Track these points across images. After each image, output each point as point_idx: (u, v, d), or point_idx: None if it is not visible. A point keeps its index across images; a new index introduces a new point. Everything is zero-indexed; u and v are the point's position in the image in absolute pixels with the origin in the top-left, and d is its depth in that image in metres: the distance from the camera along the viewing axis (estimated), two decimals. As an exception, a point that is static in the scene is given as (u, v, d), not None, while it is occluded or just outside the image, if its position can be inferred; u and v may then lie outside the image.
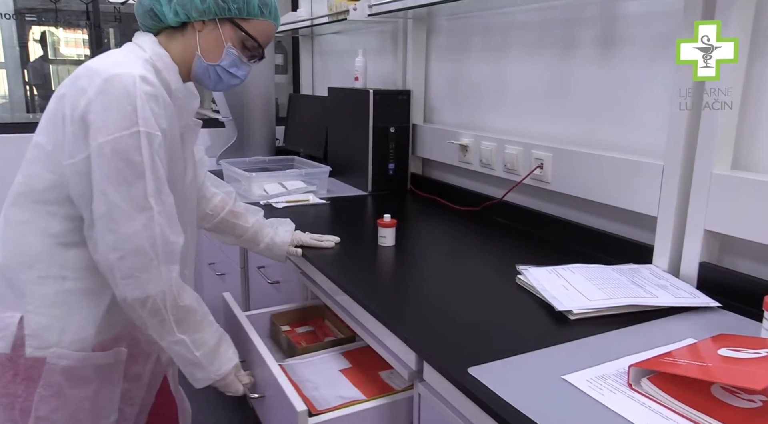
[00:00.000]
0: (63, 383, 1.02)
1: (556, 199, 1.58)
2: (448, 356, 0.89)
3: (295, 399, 1.01)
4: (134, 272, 0.94)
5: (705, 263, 1.15)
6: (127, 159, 0.92)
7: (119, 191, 0.92)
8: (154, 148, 0.95)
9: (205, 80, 1.11)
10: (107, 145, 0.91)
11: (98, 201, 0.93)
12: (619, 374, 0.82)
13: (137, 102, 0.93)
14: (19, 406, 1.01)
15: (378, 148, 2.04)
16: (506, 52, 1.76)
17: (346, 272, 1.27)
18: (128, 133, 0.92)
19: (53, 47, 3.84)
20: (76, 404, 1.04)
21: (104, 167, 0.91)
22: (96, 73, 0.94)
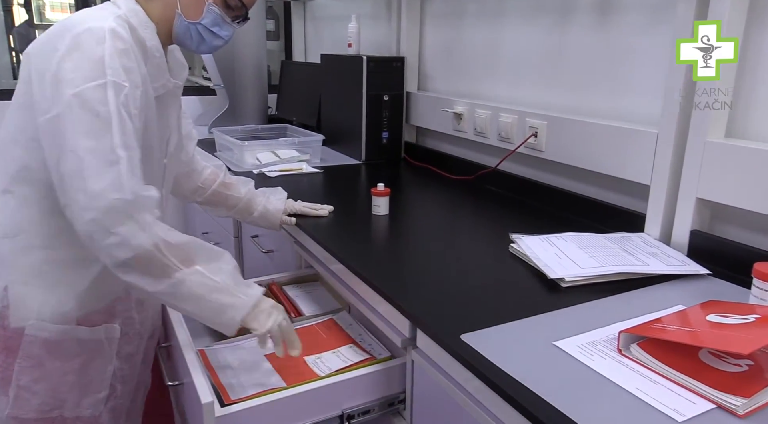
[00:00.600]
0: (43, 355, 1.00)
1: (550, 168, 1.58)
2: (441, 323, 0.90)
3: (202, 389, 0.94)
4: (112, 230, 0.87)
5: (696, 231, 1.16)
6: (94, 110, 0.88)
7: (87, 146, 0.87)
8: (121, 100, 0.90)
9: (186, 41, 1.08)
10: (75, 98, 0.87)
11: (68, 159, 0.88)
12: (609, 340, 0.83)
13: (105, 54, 0.90)
14: (0, 375, 1.00)
15: (371, 116, 2.03)
16: (502, 19, 1.73)
17: (339, 240, 1.28)
18: (95, 84, 0.88)
19: (39, 12, 3.75)
20: (59, 377, 1.03)
21: (73, 121, 0.87)
22: (66, 29, 0.91)
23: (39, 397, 1.02)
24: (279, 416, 1.00)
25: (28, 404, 1.01)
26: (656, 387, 0.72)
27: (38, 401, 1.02)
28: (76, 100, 0.87)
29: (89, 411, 1.08)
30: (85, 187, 0.86)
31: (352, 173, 1.96)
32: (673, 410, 0.67)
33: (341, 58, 2.17)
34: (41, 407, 1.02)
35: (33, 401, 1.02)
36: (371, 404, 1.07)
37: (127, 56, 0.93)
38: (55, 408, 1.04)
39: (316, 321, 1.29)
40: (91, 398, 1.08)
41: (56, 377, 1.02)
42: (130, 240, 0.88)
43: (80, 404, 1.07)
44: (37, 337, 1.00)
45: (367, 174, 1.94)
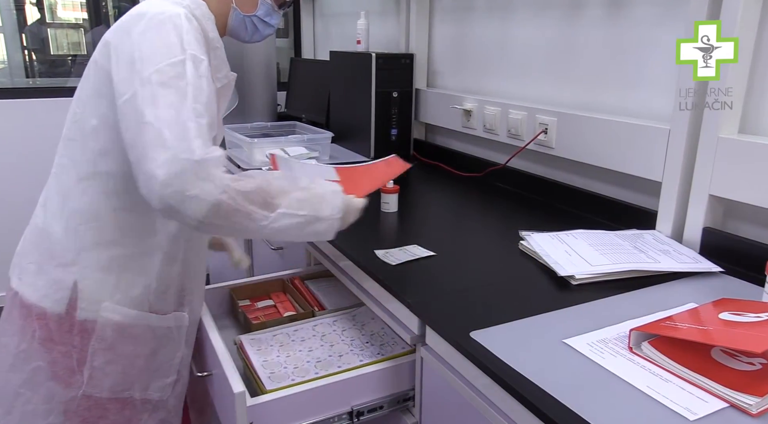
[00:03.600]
0: (115, 338, 1.04)
1: (560, 165, 1.57)
2: (450, 320, 0.90)
3: (234, 379, 0.98)
4: (187, 193, 0.85)
5: (709, 228, 1.15)
6: (171, 84, 0.90)
7: (162, 117, 0.88)
8: (201, 72, 0.93)
9: (241, 33, 1.14)
10: (155, 75, 0.89)
11: (144, 133, 0.87)
12: (620, 337, 0.83)
13: (183, 32, 0.93)
14: (76, 356, 1.04)
15: (380, 113, 2.02)
16: (511, 14, 1.72)
17: (349, 237, 1.27)
18: (174, 61, 0.91)
19: (50, 10, 3.77)
20: (130, 361, 1.07)
21: (151, 97, 0.88)
22: (139, 15, 0.95)
23: (111, 378, 1.06)
24: (287, 412, 1.01)
25: (101, 384, 1.05)
26: (668, 385, 0.71)
27: (110, 381, 1.06)
28: (155, 77, 0.89)
29: (157, 395, 1.12)
30: (156, 157, 0.86)
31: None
32: (685, 409, 0.67)
33: (350, 55, 2.17)
34: (113, 388, 1.06)
35: (105, 381, 1.05)
36: (381, 401, 1.07)
37: (198, 41, 0.96)
38: (126, 389, 1.08)
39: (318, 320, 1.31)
40: (160, 382, 1.12)
41: (127, 360, 1.06)
42: (206, 197, 0.86)
43: (149, 387, 1.11)
44: (109, 320, 1.03)
45: (376, 171, 1.94)
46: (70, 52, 3.93)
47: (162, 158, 0.85)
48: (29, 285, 1.04)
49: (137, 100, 0.89)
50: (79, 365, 1.04)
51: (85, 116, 1.01)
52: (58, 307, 1.02)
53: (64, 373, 1.03)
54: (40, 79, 3.78)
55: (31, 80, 3.73)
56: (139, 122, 0.89)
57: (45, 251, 1.04)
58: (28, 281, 1.05)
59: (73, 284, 1.02)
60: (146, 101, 0.89)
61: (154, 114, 0.88)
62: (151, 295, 1.07)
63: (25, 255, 1.07)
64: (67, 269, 1.02)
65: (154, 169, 0.86)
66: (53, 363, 1.03)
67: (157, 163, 0.85)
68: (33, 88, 3.40)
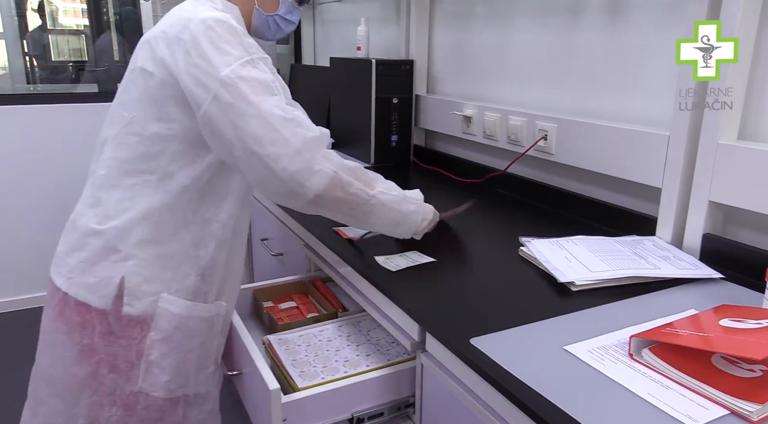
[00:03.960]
0: (171, 329, 1.06)
1: (560, 171, 1.57)
2: (450, 326, 0.90)
3: (268, 377, 1.01)
4: (308, 166, 0.95)
5: (708, 234, 1.15)
6: (255, 79, 0.95)
7: (264, 107, 0.94)
8: (272, 68, 1.00)
9: (264, 32, 1.17)
10: (231, 74, 0.93)
11: (252, 125, 0.93)
12: (621, 344, 0.82)
13: (239, 34, 0.98)
14: (135, 348, 1.04)
15: (380, 119, 2.03)
16: (511, 20, 1.73)
17: (348, 243, 1.27)
18: (244, 60, 0.95)
19: (52, 17, 3.79)
20: (183, 354, 1.08)
21: (239, 94, 0.93)
22: (187, 20, 0.96)
23: (166, 374, 1.06)
24: (319, 409, 1.03)
25: (157, 381, 1.06)
26: (668, 392, 0.71)
27: (166, 378, 1.06)
28: (233, 76, 0.93)
29: (204, 387, 1.14)
30: (275, 139, 0.93)
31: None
32: (685, 416, 0.67)
33: (350, 61, 2.18)
34: (168, 386, 1.07)
35: (161, 377, 1.06)
36: (381, 408, 1.07)
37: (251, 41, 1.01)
38: (180, 387, 1.09)
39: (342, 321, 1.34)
40: (203, 373, 1.13)
41: (180, 353, 1.07)
42: (328, 170, 0.97)
43: (197, 380, 1.12)
44: (167, 311, 1.05)
45: (376, 177, 1.94)
46: (71, 58, 3.94)
47: (283, 140, 0.93)
48: (82, 284, 1.05)
49: (223, 100, 0.93)
50: (137, 359, 1.05)
51: (137, 120, 1.02)
52: (116, 302, 1.03)
53: (124, 366, 1.05)
54: (41, 86, 3.79)
55: (32, 86, 3.74)
56: (237, 117, 0.93)
57: (97, 249, 1.04)
58: (80, 280, 1.05)
59: (128, 280, 1.03)
60: (237, 98, 0.93)
61: (254, 106, 0.93)
62: (202, 284, 1.08)
63: (73, 254, 1.07)
64: (123, 265, 1.03)
65: (277, 151, 0.93)
66: (114, 356, 1.04)
67: (278, 146, 0.93)
68: (34, 94, 3.41)
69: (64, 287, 1.06)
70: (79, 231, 1.07)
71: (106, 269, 1.03)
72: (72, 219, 1.11)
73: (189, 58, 0.94)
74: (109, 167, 1.06)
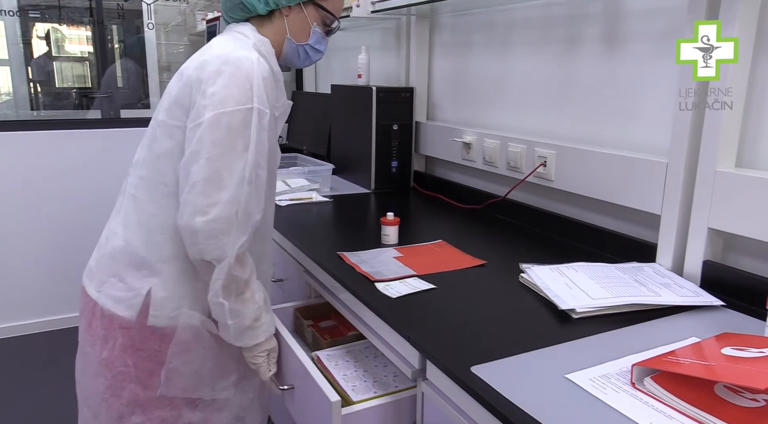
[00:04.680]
0: (191, 340, 1.13)
1: (560, 197, 1.58)
2: (451, 354, 0.90)
3: (327, 389, 1.03)
4: (218, 235, 1.00)
5: (709, 261, 1.15)
6: (239, 131, 1.01)
7: (225, 159, 1.00)
8: (263, 124, 1.04)
9: (294, 60, 1.23)
10: (224, 117, 1.00)
11: (201, 166, 1.00)
12: (623, 373, 0.82)
13: (254, 82, 1.03)
14: (155, 359, 1.12)
15: (381, 145, 2.04)
16: (509, 49, 1.75)
17: (349, 269, 1.27)
18: (244, 108, 1.02)
19: (57, 44, 3.85)
20: (201, 362, 1.15)
21: (216, 135, 1.00)
22: (217, 56, 1.05)
23: (185, 379, 1.14)
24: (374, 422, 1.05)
25: (175, 386, 1.14)
26: (671, 422, 0.70)
27: (184, 382, 1.14)
28: (224, 119, 1.00)
29: (223, 394, 1.20)
30: (212, 194, 1.00)
31: (361, 202, 1.97)
32: (689, 447, 0.66)
33: (351, 88, 2.20)
34: (186, 388, 1.15)
35: (179, 382, 1.14)
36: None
37: (266, 83, 1.07)
38: (197, 390, 1.16)
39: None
40: (224, 381, 1.20)
41: (199, 361, 1.15)
42: (225, 248, 1.01)
43: (215, 387, 1.19)
44: (188, 324, 1.12)
45: (376, 203, 1.95)
46: (74, 84, 3.99)
47: (216, 198, 0.99)
48: (110, 297, 1.13)
49: (202, 131, 1.00)
50: (158, 368, 1.12)
51: (159, 141, 1.10)
52: (139, 316, 1.10)
53: (144, 375, 1.12)
54: (45, 112, 3.82)
55: (35, 112, 3.77)
56: (198, 153, 1.00)
57: (127, 265, 1.12)
58: (109, 293, 1.13)
59: (153, 294, 1.10)
60: (210, 137, 1.00)
61: (216, 153, 1.00)
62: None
63: (104, 269, 1.15)
64: (148, 280, 1.10)
65: (204, 202, 0.99)
66: (134, 367, 1.12)
67: (210, 200, 0.99)
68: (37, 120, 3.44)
69: (95, 296, 1.15)
70: (110, 247, 1.15)
71: (134, 283, 1.11)
72: (104, 235, 1.19)
73: (203, 90, 1.02)
74: (138, 187, 1.13)
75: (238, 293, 1.07)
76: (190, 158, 1.01)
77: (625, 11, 1.37)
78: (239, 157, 1.01)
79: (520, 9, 1.69)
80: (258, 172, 1.05)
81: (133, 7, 3.07)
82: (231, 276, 1.03)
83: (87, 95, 3.81)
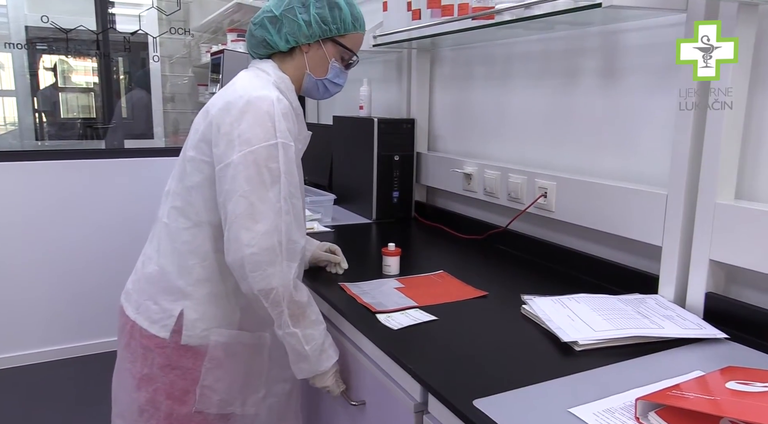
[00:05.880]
0: (222, 357, 1.20)
1: (561, 228, 1.58)
2: (453, 387, 0.89)
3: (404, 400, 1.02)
4: (263, 266, 1.06)
5: (711, 293, 1.15)
6: (267, 166, 1.08)
7: (258, 193, 1.07)
8: (289, 157, 1.11)
9: (314, 93, 1.30)
10: (251, 155, 1.07)
11: (237, 202, 1.07)
12: (627, 407, 0.81)
13: (275, 119, 1.10)
14: (190, 377, 1.19)
15: (382, 176, 2.06)
16: (509, 82, 1.78)
17: (350, 300, 1.27)
18: (268, 144, 1.08)
19: (63, 75, 3.91)
20: (233, 377, 1.22)
21: (247, 173, 1.07)
22: (240, 96, 1.12)
23: (218, 394, 1.21)
24: None
25: (210, 401, 1.21)
26: (677, 459, 0.69)
27: (218, 398, 1.21)
28: (251, 156, 1.07)
29: (253, 409, 1.27)
30: (251, 227, 1.06)
31: (363, 233, 1.97)
32: (696, 484, 0.65)
33: (353, 119, 2.23)
34: (220, 404, 1.22)
35: (214, 398, 1.21)
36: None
37: (287, 119, 1.13)
38: (230, 405, 1.23)
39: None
40: (253, 397, 1.26)
41: (231, 377, 1.22)
42: (272, 278, 1.07)
43: (245, 402, 1.25)
44: (219, 342, 1.20)
45: (377, 233, 1.95)
46: (79, 115, 4.04)
47: (256, 230, 1.06)
48: (146, 318, 1.21)
49: (234, 170, 1.07)
50: (192, 385, 1.19)
51: (189, 174, 1.18)
52: (173, 336, 1.18)
53: (179, 393, 1.20)
54: (49, 142, 3.86)
55: (39, 142, 3.81)
56: (233, 191, 1.07)
57: (161, 289, 1.20)
58: (145, 314, 1.22)
59: (185, 315, 1.18)
60: (242, 175, 1.07)
61: (250, 189, 1.06)
62: (244, 318, 1.22)
63: (140, 292, 1.24)
64: (180, 303, 1.18)
65: (246, 236, 1.06)
66: (170, 385, 1.19)
67: (251, 233, 1.06)
68: (41, 150, 3.47)
69: (133, 317, 1.23)
70: (145, 272, 1.24)
71: (167, 305, 1.19)
72: (140, 260, 1.28)
73: (225, 129, 1.10)
74: (170, 216, 1.21)
75: (306, 318, 1.13)
76: (226, 198, 1.08)
77: (623, 46, 1.40)
78: (270, 189, 1.08)
79: (519, 43, 1.72)
80: (293, 201, 1.12)
81: (139, 40, 3.13)
82: (294, 303, 1.10)
83: (92, 126, 3.86)
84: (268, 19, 1.21)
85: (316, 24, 1.20)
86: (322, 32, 1.22)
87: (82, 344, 2.92)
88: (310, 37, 1.21)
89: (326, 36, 1.23)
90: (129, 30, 3.10)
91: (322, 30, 1.21)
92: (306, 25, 1.20)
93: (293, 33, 1.20)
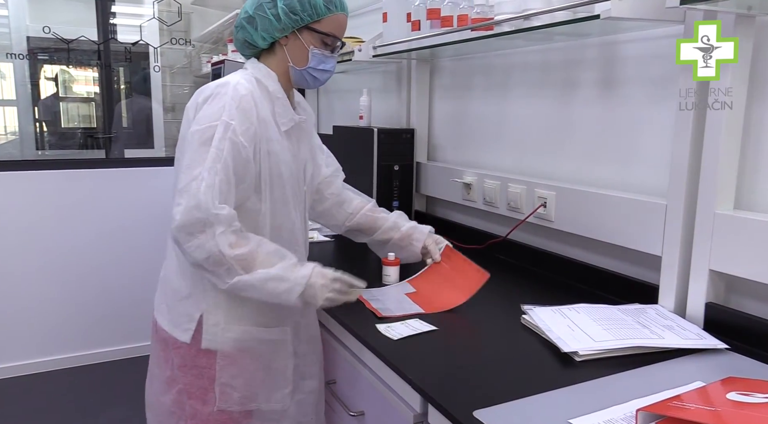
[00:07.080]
0: (235, 353, 1.21)
1: (560, 238, 1.58)
2: (453, 398, 0.88)
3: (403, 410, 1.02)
4: (191, 236, 1.08)
5: (711, 303, 1.15)
6: (204, 143, 1.11)
7: (190, 170, 1.10)
8: (227, 135, 1.12)
9: (303, 83, 1.30)
10: (197, 133, 1.12)
11: (180, 177, 1.11)
12: (627, 418, 0.81)
13: (227, 102, 1.14)
14: (207, 375, 1.21)
15: (382, 185, 2.06)
16: (508, 92, 1.79)
17: (350, 310, 1.27)
18: (213, 124, 1.12)
19: (64, 85, 3.92)
20: (251, 374, 1.23)
21: (190, 149, 1.12)
22: (209, 88, 1.18)
23: (238, 391, 1.22)
24: None
25: (231, 398, 1.22)
26: (678, 470, 0.69)
27: (239, 394, 1.22)
28: (197, 135, 1.12)
29: (279, 405, 1.27)
30: (179, 201, 1.09)
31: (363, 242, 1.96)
32: (697, 496, 0.64)
33: (353, 129, 2.23)
34: (242, 401, 1.23)
35: (234, 395, 1.22)
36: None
37: (244, 101, 1.16)
38: (252, 401, 1.24)
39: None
40: (280, 393, 1.27)
41: (249, 373, 1.23)
42: (204, 245, 1.08)
43: (271, 398, 1.26)
44: (228, 338, 1.21)
45: (377, 243, 1.95)
46: (80, 124, 4.05)
47: (182, 205, 1.08)
48: (166, 320, 1.26)
49: (184, 145, 1.15)
50: (210, 383, 1.21)
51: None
52: (186, 336, 1.21)
53: (199, 392, 1.22)
54: (50, 151, 3.86)
55: (40, 152, 3.82)
56: (179, 165, 1.14)
57: (176, 292, 1.24)
58: (164, 317, 1.27)
59: (199, 317, 1.20)
60: (186, 153, 1.13)
61: (187, 164, 1.11)
62: (259, 315, 1.22)
63: (162, 297, 1.30)
64: (194, 305, 1.21)
65: (175, 210, 1.09)
66: (189, 385, 1.23)
67: (179, 208, 1.08)
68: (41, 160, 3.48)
69: (159, 321, 1.29)
70: (164, 279, 1.30)
71: (188, 308, 1.21)
72: (163, 267, 1.32)
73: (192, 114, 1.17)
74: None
75: (255, 260, 1.11)
76: (176, 167, 1.16)
77: (621, 57, 1.41)
78: (198, 165, 1.10)
79: (518, 54, 1.73)
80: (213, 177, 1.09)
81: (140, 50, 3.14)
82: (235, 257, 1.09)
83: (92, 135, 3.87)
84: (246, 20, 1.24)
85: (285, 16, 1.20)
86: (293, 23, 1.22)
87: (83, 354, 2.91)
88: (283, 30, 1.22)
89: (299, 25, 1.22)
90: (130, 40, 3.12)
91: (292, 20, 1.21)
92: (275, 18, 1.21)
93: (266, 29, 1.22)
